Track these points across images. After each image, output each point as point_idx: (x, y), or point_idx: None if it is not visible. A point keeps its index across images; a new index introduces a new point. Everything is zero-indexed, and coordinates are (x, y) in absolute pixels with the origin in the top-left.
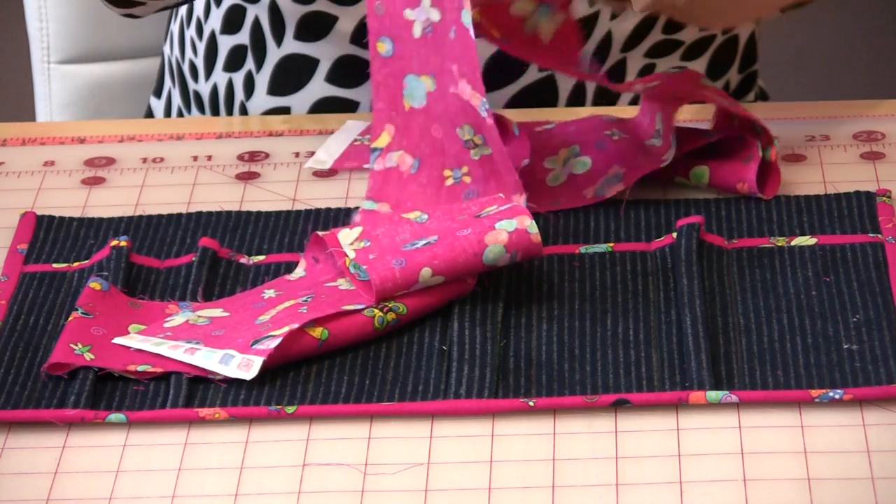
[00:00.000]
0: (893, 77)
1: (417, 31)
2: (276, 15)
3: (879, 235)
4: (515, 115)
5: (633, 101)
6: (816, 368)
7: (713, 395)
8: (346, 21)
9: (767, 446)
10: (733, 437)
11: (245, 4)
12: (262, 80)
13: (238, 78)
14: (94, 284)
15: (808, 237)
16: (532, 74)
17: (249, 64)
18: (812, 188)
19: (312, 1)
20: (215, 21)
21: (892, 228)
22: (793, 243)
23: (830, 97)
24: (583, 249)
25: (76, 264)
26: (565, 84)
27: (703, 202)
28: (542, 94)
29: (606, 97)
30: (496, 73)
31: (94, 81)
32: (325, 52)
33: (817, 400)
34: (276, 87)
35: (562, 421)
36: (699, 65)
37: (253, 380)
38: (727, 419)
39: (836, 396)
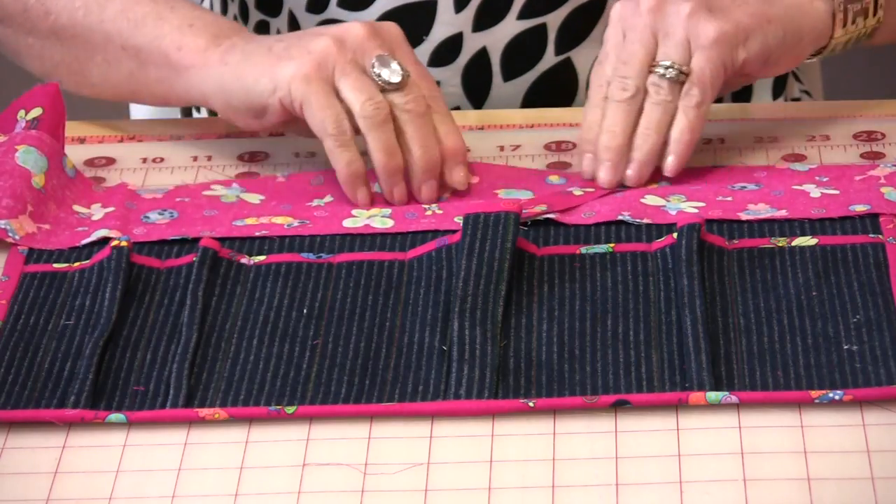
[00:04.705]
0: (893, 77)
1: None
2: (294, 26)
3: (880, 236)
4: (524, 116)
5: None
6: (816, 369)
7: (713, 395)
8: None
9: (767, 446)
10: (733, 437)
11: (268, 19)
12: None
13: None
14: None
15: (808, 237)
16: (549, 59)
17: None
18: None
19: (324, 9)
20: None
21: (892, 229)
22: (793, 244)
23: (830, 97)
24: (583, 250)
25: (77, 264)
26: (584, 66)
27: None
28: (561, 79)
29: None
30: (513, 61)
31: None
32: None
33: (817, 401)
34: None
35: (561, 421)
36: None
37: (253, 380)
38: (727, 419)
39: (836, 397)
